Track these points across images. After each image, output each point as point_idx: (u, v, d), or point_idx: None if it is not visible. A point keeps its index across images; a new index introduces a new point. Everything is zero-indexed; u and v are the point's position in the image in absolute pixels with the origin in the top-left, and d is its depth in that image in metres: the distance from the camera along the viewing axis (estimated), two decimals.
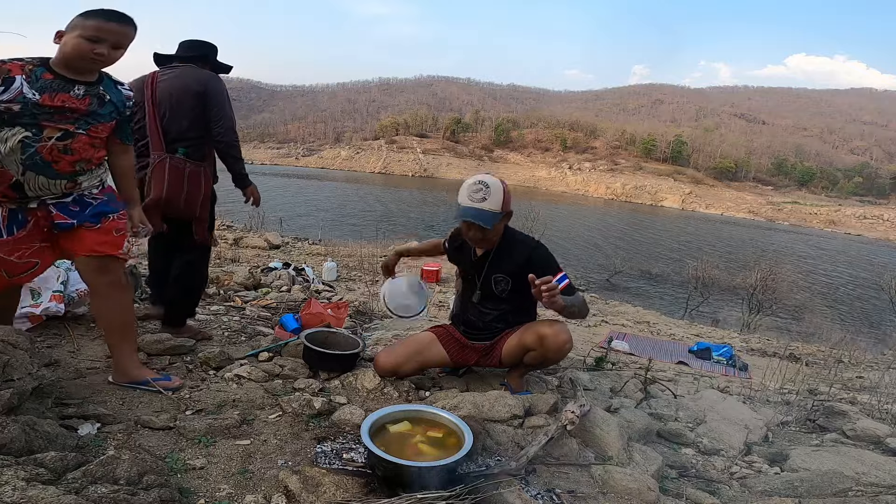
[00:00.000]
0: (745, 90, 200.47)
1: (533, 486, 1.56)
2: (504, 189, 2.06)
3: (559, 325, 2.11)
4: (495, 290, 2.23)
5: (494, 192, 2.02)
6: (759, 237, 46.64)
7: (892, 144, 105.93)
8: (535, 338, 2.11)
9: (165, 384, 2.00)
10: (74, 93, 1.75)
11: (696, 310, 15.80)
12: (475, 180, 2.07)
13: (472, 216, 2.01)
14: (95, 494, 1.18)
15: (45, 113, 1.70)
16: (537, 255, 2.15)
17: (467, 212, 2.03)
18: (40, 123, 1.70)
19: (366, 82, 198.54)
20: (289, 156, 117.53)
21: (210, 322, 3.18)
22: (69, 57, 1.71)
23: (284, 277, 5.70)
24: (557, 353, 2.12)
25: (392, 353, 2.32)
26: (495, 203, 2.02)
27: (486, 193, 2.01)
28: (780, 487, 1.83)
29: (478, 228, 2.05)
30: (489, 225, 2.02)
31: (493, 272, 2.21)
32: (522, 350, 2.18)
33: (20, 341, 1.72)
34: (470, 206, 2.03)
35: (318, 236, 13.90)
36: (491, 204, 2.02)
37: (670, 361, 5.67)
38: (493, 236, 2.13)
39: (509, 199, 2.08)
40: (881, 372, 5.18)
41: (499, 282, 2.21)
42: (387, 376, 2.31)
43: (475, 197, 2.02)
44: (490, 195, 2.02)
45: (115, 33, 1.73)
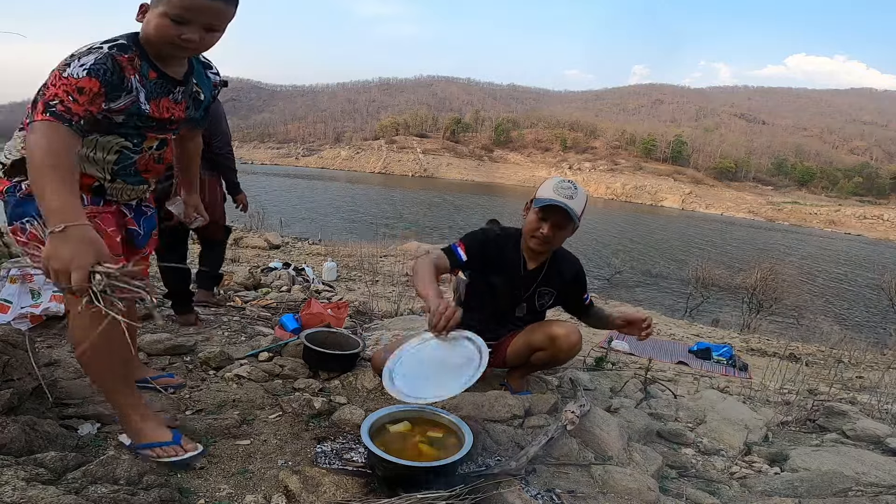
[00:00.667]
0: (745, 90, 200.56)
1: (533, 486, 1.56)
2: (587, 198, 2.04)
3: (570, 326, 2.07)
4: (537, 304, 2.19)
5: (580, 195, 2.00)
6: (759, 237, 46.65)
7: (892, 144, 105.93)
8: (545, 338, 2.07)
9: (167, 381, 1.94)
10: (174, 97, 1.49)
11: (696, 310, 15.79)
12: (562, 178, 2.03)
13: (560, 204, 1.92)
14: (95, 494, 1.18)
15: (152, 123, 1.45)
16: (582, 272, 2.20)
17: (556, 199, 1.93)
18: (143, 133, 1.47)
19: (366, 82, 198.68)
20: (289, 156, 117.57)
21: (210, 322, 3.18)
22: (153, 42, 1.37)
23: (284, 277, 5.69)
24: (569, 354, 2.10)
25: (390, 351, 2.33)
26: (579, 204, 1.98)
27: (573, 193, 1.97)
28: (780, 487, 1.83)
29: (559, 221, 1.96)
30: (571, 220, 1.96)
31: (543, 286, 2.16)
32: (530, 350, 2.14)
33: (20, 341, 1.72)
34: (555, 197, 1.94)
35: (318, 236, 13.90)
36: (577, 204, 1.97)
37: (670, 361, 5.67)
38: (559, 241, 2.08)
39: (584, 212, 2.04)
40: (881, 372, 5.18)
41: (543, 295, 2.18)
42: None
43: (563, 192, 1.95)
44: (577, 195, 1.98)
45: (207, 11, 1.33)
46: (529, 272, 2.14)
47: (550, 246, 2.07)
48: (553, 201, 1.92)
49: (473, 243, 2.10)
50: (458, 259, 2.06)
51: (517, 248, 2.14)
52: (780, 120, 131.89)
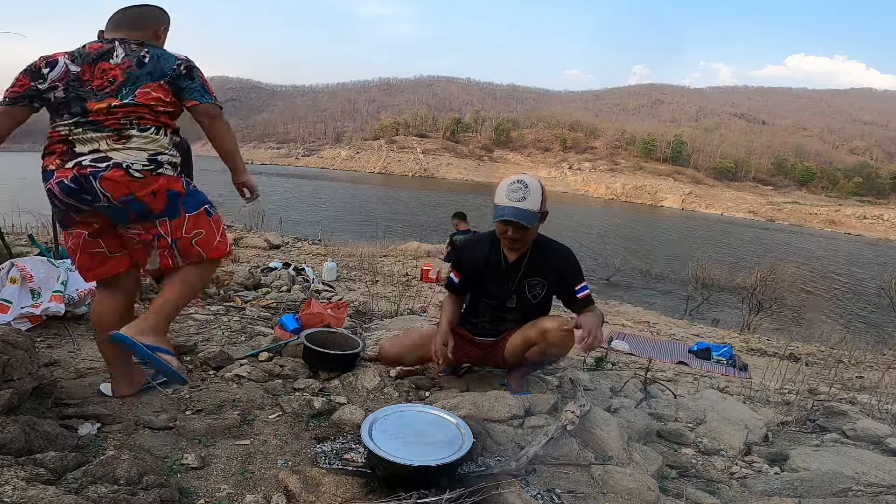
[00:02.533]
0: (745, 90, 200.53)
1: (533, 486, 1.56)
2: (542, 189, 2.04)
3: (561, 320, 2.09)
4: (528, 295, 2.20)
5: (533, 192, 2.00)
6: (759, 237, 46.64)
7: (892, 144, 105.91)
8: (537, 332, 2.08)
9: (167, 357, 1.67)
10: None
11: (696, 310, 15.78)
12: (514, 180, 2.03)
13: (512, 215, 1.98)
14: (95, 494, 1.18)
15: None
16: (572, 261, 2.17)
17: (507, 210, 1.98)
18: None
19: (366, 82, 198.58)
20: (289, 156, 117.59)
21: (210, 322, 3.18)
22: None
23: (284, 277, 5.69)
24: (560, 348, 2.08)
25: (397, 343, 2.35)
26: (535, 202, 2.00)
27: (525, 192, 1.98)
28: (780, 487, 1.83)
29: (517, 228, 2.01)
30: (529, 224, 1.99)
31: (529, 277, 2.18)
32: (525, 346, 2.15)
33: (20, 341, 1.72)
34: (509, 205, 1.99)
35: (318, 236, 13.89)
36: (531, 203, 1.99)
37: (670, 361, 5.66)
38: (530, 237, 2.11)
39: (546, 200, 2.06)
40: (881, 372, 5.18)
41: (534, 286, 2.19)
42: (390, 365, 2.36)
43: (515, 196, 1.98)
44: (529, 194, 1.99)
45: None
46: (511, 264, 2.19)
47: (523, 244, 2.13)
48: (504, 216, 1.99)
49: (457, 262, 2.34)
50: (454, 285, 2.32)
51: (495, 244, 2.20)
52: (780, 120, 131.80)
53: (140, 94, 1.61)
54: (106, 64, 1.62)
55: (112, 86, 1.60)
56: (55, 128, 1.63)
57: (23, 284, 2.56)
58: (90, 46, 1.67)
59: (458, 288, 2.33)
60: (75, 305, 2.73)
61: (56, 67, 1.62)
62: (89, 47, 1.67)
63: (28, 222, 8.80)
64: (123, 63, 1.63)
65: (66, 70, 1.62)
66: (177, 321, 3.07)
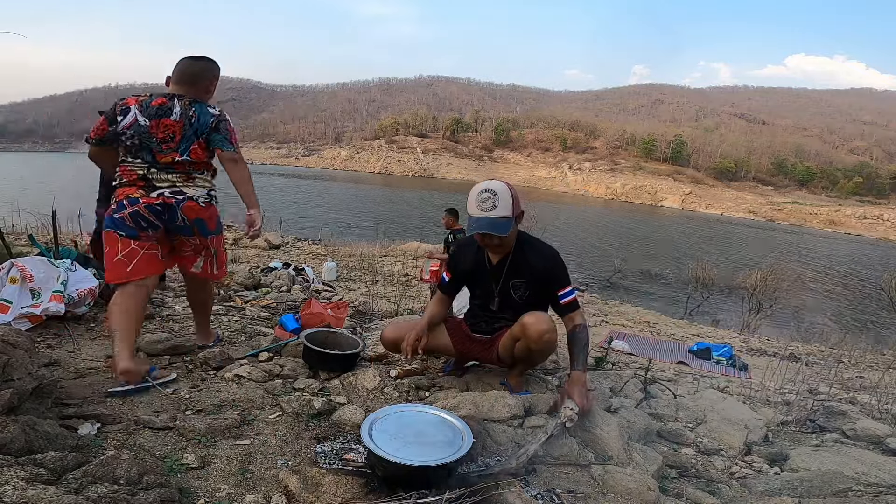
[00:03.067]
0: (745, 90, 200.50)
1: (533, 486, 1.56)
2: (511, 191, 2.03)
3: (540, 315, 2.08)
4: (514, 296, 2.20)
5: (503, 197, 1.99)
6: (760, 237, 46.65)
7: (892, 144, 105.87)
8: (519, 327, 2.09)
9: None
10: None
11: (696, 310, 15.78)
12: (481, 189, 2.03)
13: (485, 227, 1.98)
14: (95, 494, 1.18)
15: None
16: (555, 263, 2.14)
17: (480, 223, 1.99)
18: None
19: (366, 82, 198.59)
20: (289, 156, 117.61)
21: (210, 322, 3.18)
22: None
23: (284, 277, 5.70)
24: (538, 343, 2.05)
25: (397, 327, 2.35)
26: (505, 208, 1.99)
27: (494, 200, 1.98)
28: (780, 487, 1.83)
29: (493, 237, 2.03)
30: (505, 232, 2.00)
31: (512, 278, 2.19)
32: (513, 342, 2.16)
33: (20, 341, 1.72)
34: (481, 216, 1.99)
35: (318, 236, 13.90)
36: (502, 210, 1.99)
37: (670, 361, 5.67)
38: (510, 241, 2.12)
39: (518, 200, 2.05)
40: (881, 372, 5.18)
41: (518, 287, 2.19)
42: (389, 349, 2.38)
43: (485, 206, 1.98)
44: (499, 201, 1.98)
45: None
46: (495, 266, 2.20)
47: (505, 247, 2.14)
48: (478, 229, 2.01)
49: (450, 262, 2.38)
50: (443, 283, 2.38)
51: (481, 248, 2.21)
52: (780, 120, 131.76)
53: (192, 152, 2.19)
54: (167, 120, 2.14)
55: (173, 141, 2.15)
56: (129, 166, 2.16)
57: (23, 284, 2.56)
58: (155, 101, 2.15)
59: (446, 287, 2.37)
60: (75, 305, 2.73)
61: (127, 116, 2.13)
62: (154, 102, 2.15)
63: (28, 222, 8.80)
64: (179, 122, 2.15)
65: (135, 120, 2.12)
66: (177, 321, 3.08)
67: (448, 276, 2.35)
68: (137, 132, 2.11)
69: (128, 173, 2.15)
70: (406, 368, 2.46)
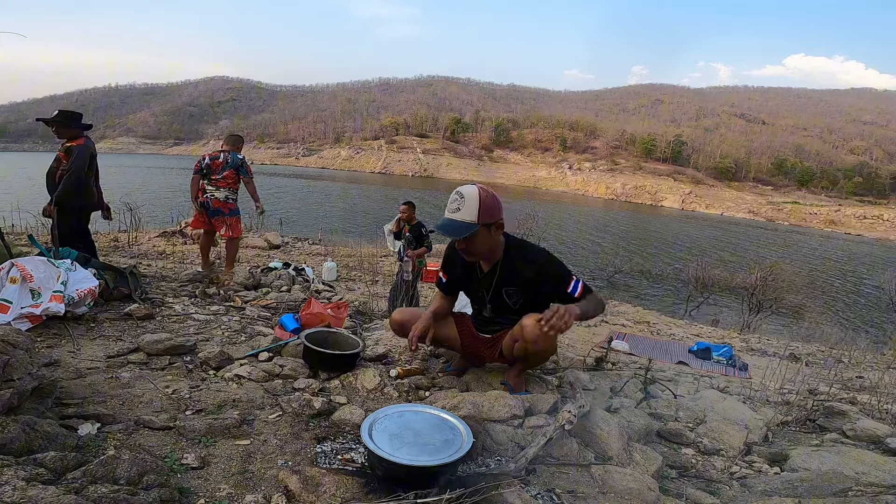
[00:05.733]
0: (745, 90, 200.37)
1: (533, 486, 1.56)
2: (481, 198, 1.96)
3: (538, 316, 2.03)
4: (509, 303, 2.18)
5: (469, 202, 1.95)
6: (759, 237, 46.64)
7: (892, 144, 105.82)
8: (519, 328, 2.07)
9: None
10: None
11: (696, 310, 15.79)
12: (455, 190, 2.02)
13: (441, 227, 1.99)
14: (95, 494, 1.18)
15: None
16: (548, 267, 2.09)
17: (440, 222, 2.00)
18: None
19: (366, 82, 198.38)
20: (289, 156, 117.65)
21: (210, 322, 3.18)
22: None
23: (284, 277, 5.69)
24: (536, 345, 2.04)
25: (405, 311, 2.36)
26: (469, 213, 1.94)
27: (460, 203, 1.95)
28: (780, 487, 1.83)
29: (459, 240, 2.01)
30: (458, 236, 1.97)
31: (504, 286, 2.16)
32: (513, 342, 2.15)
33: (20, 341, 1.72)
34: (445, 216, 1.98)
35: (318, 236, 13.89)
36: (464, 214, 1.95)
37: (670, 361, 5.66)
38: (482, 247, 2.05)
39: (490, 211, 1.98)
40: (881, 372, 5.18)
41: (511, 294, 2.17)
42: (395, 332, 2.37)
43: (450, 207, 1.97)
44: (464, 205, 1.95)
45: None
46: (486, 274, 2.18)
47: (476, 255, 2.11)
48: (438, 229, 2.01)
49: (446, 264, 2.35)
50: (441, 284, 2.37)
51: None
52: (780, 120, 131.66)
53: (225, 174, 5.24)
54: (218, 161, 5.25)
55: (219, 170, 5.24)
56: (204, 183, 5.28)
57: (23, 284, 2.56)
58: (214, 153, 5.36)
59: (445, 288, 2.36)
60: (75, 305, 2.73)
61: (205, 161, 5.25)
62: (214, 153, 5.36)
63: (28, 222, 8.80)
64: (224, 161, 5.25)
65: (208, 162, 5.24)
66: (177, 321, 3.08)
67: (445, 276, 2.35)
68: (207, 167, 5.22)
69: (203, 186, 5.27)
70: (406, 368, 2.46)
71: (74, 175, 4.11)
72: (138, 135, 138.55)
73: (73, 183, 4.10)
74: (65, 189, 4.08)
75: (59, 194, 4.09)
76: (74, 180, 4.11)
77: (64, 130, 4.21)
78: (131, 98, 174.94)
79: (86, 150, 4.19)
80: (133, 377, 2.09)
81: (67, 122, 4.23)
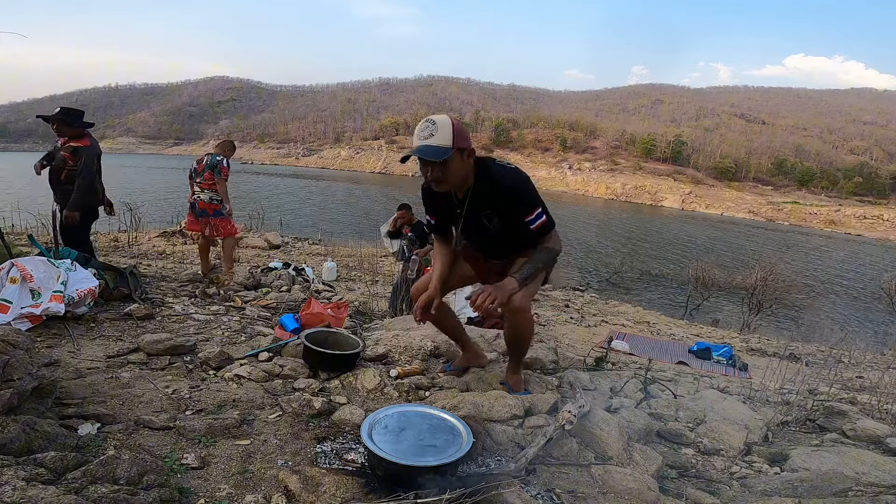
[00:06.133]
0: (745, 90, 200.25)
1: (533, 486, 1.56)
2: (454, 124, 1.97)
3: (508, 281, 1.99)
4: (489, 227, 2.12)
5: (442, 128, 1.95)
6: (760, 237, 46.65)
7: (892, 144, 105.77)
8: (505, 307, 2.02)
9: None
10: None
11: (696, 310, 15.79)
12: (423, 120, 1.99)
13: (418, 151, 1.94)
14: (95, 494, 1.18)
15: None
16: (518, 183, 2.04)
17: (416, 149, 1.96)
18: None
19: (366, 82, 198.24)
20: (289, 156, 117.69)
21: (210, 322, 3.18)
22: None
23: (284, 277, 5.70)
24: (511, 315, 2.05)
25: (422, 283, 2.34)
26: (443, 138, 1.94)
27: (433, 130, 1.95)
28: (780, 487, 1.83)
29: (433, 165, 1.97)
30: (438, 157, 1.93)
31: (480, 209, 2.11)
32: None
33: (20, 341, 1.72)
34: (418, 143, 1.96)
35: (318, 236, 13.89)
36: (439, 139, 1.94)
37: (670, 361, 5.66)
38: (457, 174, 2.02)
39: (463, 136, 1.99)
40: (881, 372, 5.17)
41: (489, 217, 2.11)
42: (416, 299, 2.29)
43: (423, 135, 1.96)
44: (437, 131, 1.94)
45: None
46: (461, 200, 2.15)
47: (449, 182, 2.04)
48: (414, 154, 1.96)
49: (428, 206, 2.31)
50: (433, 226, 2.33)
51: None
52: (780, 120, 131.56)
53: (206, 176, 5.17)
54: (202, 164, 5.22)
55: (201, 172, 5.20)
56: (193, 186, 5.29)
57: (23, 284, 2.56)
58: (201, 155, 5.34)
59: (437, 228, 2.33)
60: (75, 305, 2.73)
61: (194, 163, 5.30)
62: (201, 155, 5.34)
63: (28, 222, 8.80)
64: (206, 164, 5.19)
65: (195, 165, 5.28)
66: (177, 321, 3.08)
67: (433, 218, 2.31)
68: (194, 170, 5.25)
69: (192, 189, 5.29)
70: (406, 368, 2.46)
71: (87, 179, 4.20)
72: (138, 135, 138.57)
73: (86, 186, 4.20)
74: (80, 194, 4.18)
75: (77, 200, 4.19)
76: (88, 184, 4.20)
77: (65, 128, 4.21)
78: (131, 98, 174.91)
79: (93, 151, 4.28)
80: (133, 377, 2.09)
81: (69, 119, 4.23)
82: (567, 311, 9.36)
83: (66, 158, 4.19)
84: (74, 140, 4.21)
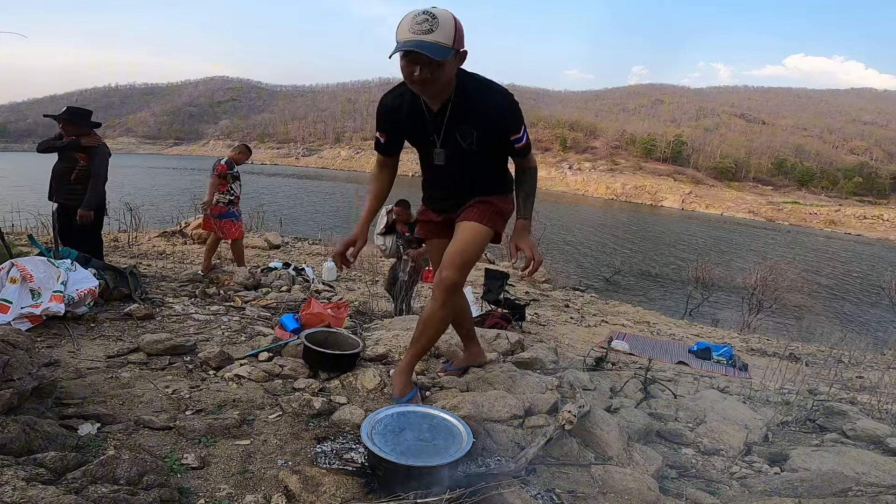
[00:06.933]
0: (745, 90, 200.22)
1: (533, 486, 1.56)
2: (456, 21, 1.68)
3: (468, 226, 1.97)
4: (463, 144, 1.91)
5: (444, 24, 1.63)
6: (759, 237, 46.65)
7: (892, 144, 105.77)
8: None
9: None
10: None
11: (696, 310, 15.79)
12: (418, 11, 1.66)
13: (418, 46, 1.60)
14: (95, 494, 1.18)
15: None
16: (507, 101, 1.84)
17: (413, 42, 1.61)
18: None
19: (366, 82, 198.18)
20: (289, 156, 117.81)
21: (210, 322, 3.18)
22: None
23: (284, 277, 5.69)
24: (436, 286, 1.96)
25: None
26: (444, 36, 1.63)
27: (432, 24, 1.62)
28: (780, 487, 1.83)
29: (426, 64, 1.65)
30: (438, 56, 1.62)
31: (459, 125, 1.87)
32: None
33: (20, 341, 1.72)
34: (412, 38, 1.62)
35: (318, 236, 13.89)
36: (439, 36, 1.62)
37: (670, 361, 5.67)
38: (445, 78, 1.74)
39: (462, 36, 1.71)
40: (881, 372, 5.18)
41: (467, 135, 1.89)
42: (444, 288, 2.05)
43: (420, 28, 1.61)
44: (437, 27, 1.62)
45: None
46: (436, 114, 1.88)
47: (434, 88, 1.76)
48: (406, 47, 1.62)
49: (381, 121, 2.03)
50: (379, 144, 2.09)
51: (416, 95, 1.87)
52: (780, 120, 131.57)
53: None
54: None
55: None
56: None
57: (23, 284, 2.56)
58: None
59: (383, 147, 2.08)
60: (75, 305, 2.73)
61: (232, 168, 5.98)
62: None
63: (28, 222, 8.80)
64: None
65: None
66: (177, 321, 3.09)
67: (383, 136, 2.04)
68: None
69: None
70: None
71: (103, 180, 4.31)
72: (138, 135, 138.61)
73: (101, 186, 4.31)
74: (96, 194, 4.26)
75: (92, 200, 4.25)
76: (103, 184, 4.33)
77: (71, 128, 4.23)
78: (131, 98, 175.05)
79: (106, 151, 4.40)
80: (133, 377, 2.09)
81: (76, 119, 4.26)
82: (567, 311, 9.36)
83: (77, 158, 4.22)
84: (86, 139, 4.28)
